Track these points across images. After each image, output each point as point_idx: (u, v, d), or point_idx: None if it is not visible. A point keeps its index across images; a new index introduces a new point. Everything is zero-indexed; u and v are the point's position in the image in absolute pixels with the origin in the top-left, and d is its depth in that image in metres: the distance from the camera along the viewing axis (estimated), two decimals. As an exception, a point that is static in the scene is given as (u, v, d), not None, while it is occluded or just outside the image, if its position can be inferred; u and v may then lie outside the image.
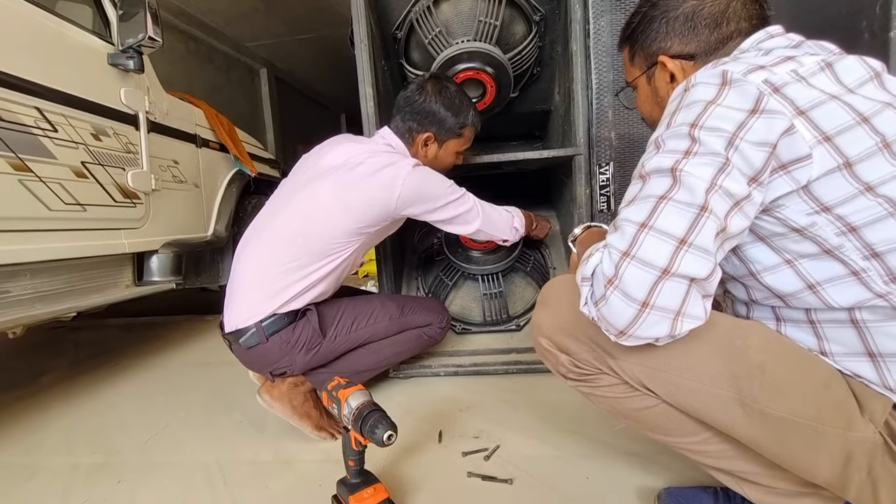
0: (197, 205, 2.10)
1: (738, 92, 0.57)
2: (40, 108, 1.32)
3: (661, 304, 0.53)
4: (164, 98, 1.90)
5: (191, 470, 1.08)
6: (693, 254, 0.53)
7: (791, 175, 0.56)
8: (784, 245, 0.60)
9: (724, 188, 0.54)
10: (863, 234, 0.55)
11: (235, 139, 2.39)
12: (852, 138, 0.55)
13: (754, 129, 0.55)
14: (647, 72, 0.80)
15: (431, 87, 1.25)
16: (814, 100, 0.56)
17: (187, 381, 1.66)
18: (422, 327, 1.33)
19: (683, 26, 0.73)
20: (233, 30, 3.93)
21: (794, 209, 0.57)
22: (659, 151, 0.59)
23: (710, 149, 0.56)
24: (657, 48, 0.77)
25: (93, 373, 1.80)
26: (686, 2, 0.73)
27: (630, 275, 0.53)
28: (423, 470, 1.01)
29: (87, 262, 1.53)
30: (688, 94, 0.61)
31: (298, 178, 1.23)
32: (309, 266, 1.13)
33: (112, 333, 2.42)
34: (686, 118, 0.59)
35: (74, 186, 1.42)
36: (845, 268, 0.56)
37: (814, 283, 0.59)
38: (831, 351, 0.61)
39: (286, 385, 1.17)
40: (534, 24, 1.55)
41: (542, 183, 2.02)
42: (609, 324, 0.57)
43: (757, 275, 0.64)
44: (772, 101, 0.56)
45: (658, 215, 0.54)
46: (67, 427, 1.36)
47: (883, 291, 0.54)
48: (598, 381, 0.72)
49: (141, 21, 1.58)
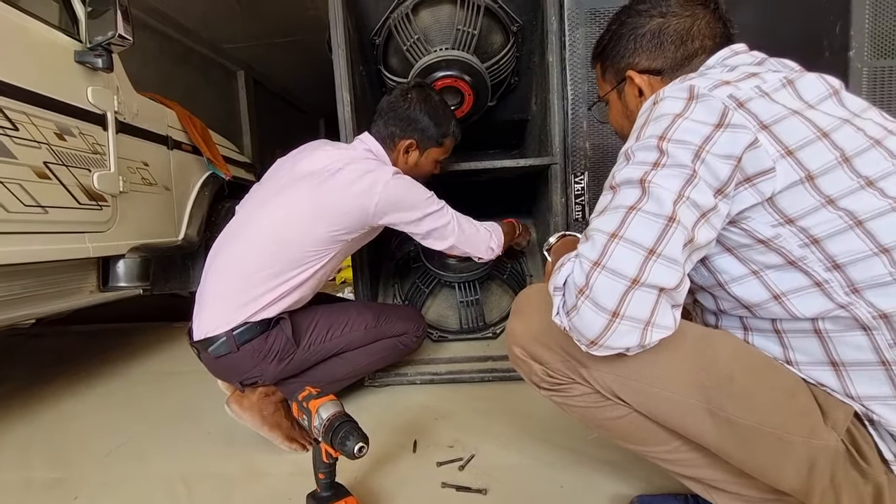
0: (167, 208, 2.04)
1: (704, 106, 0.59)
2: (0, 105, 1.26)
3: (630, 313, 0.54)
4: (134, 98, 1.84)
5: (153, 485, 1.04)
6: (662, 264, 0.54)
7: (756, 188, 0.57)
8: (750, 256, 0.61)
9: (691, 199, 0.56)
10: (825, 246, 0.56)
11: (209, 141, 2.34)
12: (813, 152, 0.57)
13: (720, 143, 0.57)
14: (617, 87, 0.83)
15: (416, 94, 1.25)
16: (776, 115, 0.58)
17: (153, 391, 1.60)
18: (397, 336, 1.32)
19: (650, 43, 0.76)
20: (209, 31, 3.85)
21: (760, 221, 0.58)
22: (629, 163, 0.61)
23: (678, 161, 0.57)
24: (626, 64, 0.79)
25: (52, 382, 1.72)
26: (652, 20, 0.75)
27: (600, 284, 0.54)
28: (397, 481, 0.99)
29: (49, 267, 1.47)
30: (656, 107, 0.63)
31: (274, 183, 1.21)
32: (284, 274, 1.10)
33: (74, 341, 2.32)
34: (654, 131, 0.60)
35: (35, 187, 1.36)
36: (809, 279, 0.57)
37: (779, 293, 0.60)
38: (796, 360, 0.62)
39: (256, 395, 1.13)
40: (511, 34, 1.56)
41: (521, 191, 2.03)
42: (580, 334, 0.57)
43: (725, 285, 0.65)
44: (736, 116, 0.57)
45: (628, 226, 0.56)
46: (23, 440, 1.29)
47: (844, 302, 0.56)
48: (571, 390, 0.73)
49: (111, 18, 1.53)
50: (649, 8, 0.76)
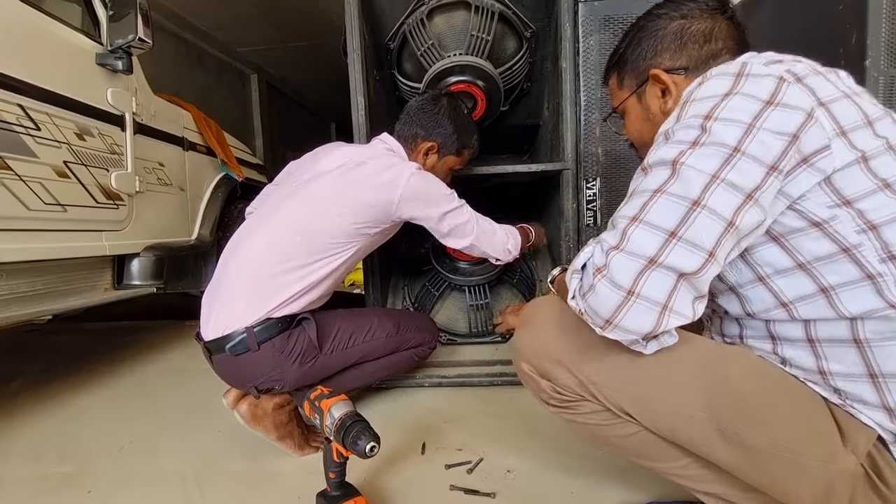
0: (182, 208, 2.07)
1: (755, 82, 0.57)
2: (23, 105, 1.30)
3: (646, 293, 0.53)
4: (151, 100, 1.88)
5: (166, 481, 1.05)
6: (682, 247, 0.53)
7: (814, 166, 0.55)
8: (800, 244, 0.58)
9: (728, 181, 0.54)
10: (882, 233, 0.54)
11: (223, 143, 2.37)
12: (862, 136, 0.56)
13: (772, 118, 0.55)
14: (637, 90, 0.81)
15: (447, 101, 1.29)
16: (832, 94, 0.57)
17: (165, 388, 1.62)
18: (414, 348, 1.31)
19: (673, 43, 0.75)
20: (225, 34, 3.92)
21: (816, 201, 0.56)
22: (667, 142, 0.59)
23: (719, 139, 0.55)
24: (648, 65, 0.77)
25: (66, 378, 1.75)
26: (673, 21, 0.75)
27: (617, 263, 0.54)
28: (406, 482, 0.99)
29: (66, 264, 1.50)
30: (702, 87, 0.61)
31: (293, 182, 1.21)
32: (307, 266, 1.08)
33: (88, 338, 2.36)
34: (699, 110, 0.58)
35: (55, 186, 1.39)
36: (861, 271, 0.55)
37: (827, 286, 0.57)
38: (830, 371, 0.59)
39: (271, 405, 1.09)
40: (525, 40, 1.57)
41: (532, 196, 2.04)
42: (595, 313, 0.56)
43: (766, 279, 0.62)
44: (793, 89, 0.56)
45: (649, 209, 0.55)
46: (37, 435, 1.31)
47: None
48: (580, 407, 0.72)
49: (131, 22, 1.57)
50: (669, 11, 0.76)
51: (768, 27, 1.75)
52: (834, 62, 1.39)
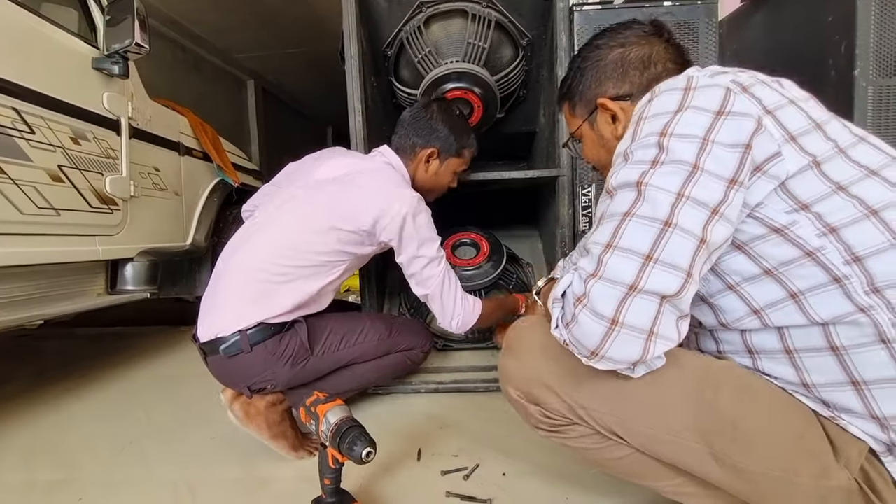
0: (176, 213, 2.06)
1: (703, 94, 0.58)
2: (18, 108, 1.29)
3: (630, 321, 0.52)
4: (148, 104, 1.88)
5: (157, 488, 1.04)
6: (660, 269, 0.52)
7: (767, 174, 0.56)
8: (764, 251, 0.58)
9: (693, 198, 0.54)
10: (843, 236, 0.54)
11: (219, 148, 2.37)
12: (811, 140, 0.56)
13: (724, 130, 0.55)
14: (588, 118, 0.83)
15: (437, 106, 1.30)
16: (777, 101, 0.58)
17: (157, 395, 1.60)
18: (406, 351, 1.31)
19: (615, 72, 0.77)
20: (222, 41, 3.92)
21: (774, 207, 0.56)
22: (627, 163, 0.60)
23: (677, 157, 0.55)
24: (594, 94, 0.80)
25: (57, 384, 1.72)
26: (612, 50, 0.77)
27: (597, 292, 0.54)
28: (401, 489, 0.98)
29: (59, 269, 1.49)
30: (651, 104, 0.62)
31: (290, 188, 1.21)
32: (300, 280, 1.10)
33: (79, 343, 2.33)
34: (653, 128, 0.59)
35: (49, 190, 1.38)
36: (826, 274, 0.55)
37: (796, 291, 0.57)
38: (813, 382, 0.59)
39: (264, 403, 1.11)
40: (521, 48, 1.59)
41: (529, 202, 2.05)
42: (580, 344, 0.56)
43: (735, 287, 0.62)
44: (740, 99, 0.57)
45: (621, 234, 0.55)
46: (27, 441, 1.29)
47: (865, 304, 0.53)
48: (570, 431, 0.71)
49: (128, 27, 1.57)
50: (608, 41, 0.78)
51: (757, 39, 1.78)
52: (823, 73, 1.42)
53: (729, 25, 1.91)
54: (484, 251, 1.68)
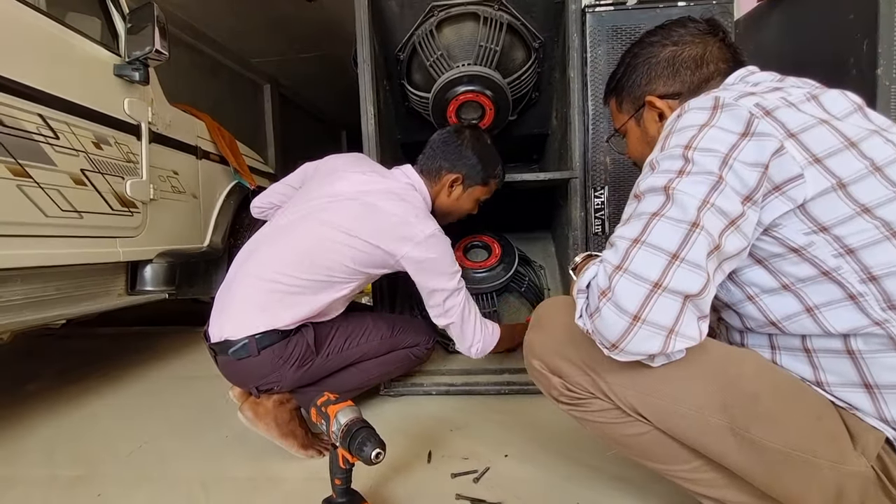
0: (194, 216, 2.10)
1: (730, 115, 0.59)
2: (43, 114, 1.34)
3: (652, 319, 0.53)
4: (167, 110, 1.92)
5: (173, 486, 1.06)
6: (685, 268, 0.54)
7: (786, 195, 0.57)
8: (781, 267, 0.60)
9: (716, 206, 0.56)
10: (860, 257, 0.55)
11: (236, 152, 2.42)
12: (842, 161, 0.56)
13: (746, 150, 0.57)
14: (635, 115, 0.84)
15: (470, 133, 1.30)
16: (804, 123, 0.58)
17: (174, 394, 1.64)
18: (410, 347, 1.33)
19: (666, 70, 0.78)
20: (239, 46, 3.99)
21: (793, 228, 0.58)
22: (654, 172, 0.61)
23: (704, 168, 0.57)
24: (643, 91, 0.81)
25: (79, 382, 1.77)
26: (665, 48, 0.78)
27: (622, 287, 0.54)
28: (411, 491, 0.99)
29: (81, 270, 1.53)
30: (680, 119, 0.64)
31: (309, 199, 1.19)
32: (309, 295, 1.11)
33: (101, 342, 2.39)
34: (679, 141, 0.61)
35: (72, 193, 1.43)
36: (842, 291, 0.56)
37: (812, 305, 0.59)
38: (827, 381, 0.61)
39: (272, 402, 1.13)
40: (533, 50, 1.58)
41: (540, 204, 2.04)
42: (602, 336, 0.58)
43: (755, 298, 0.64)
44: (763, 124, 0.58)
45: (650, 231, 0.56)
46: (49, 437, 1.33)
47: (880, 318, 0.54)
48: (590, 405, 0.72)
49: (149, 34, 1.62)
50: (661, 38, 0.79)
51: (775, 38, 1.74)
52: (844, 72, 1.39)
53: (746, 25, 1.88)
54: (496, 254, 1.68)
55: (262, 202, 1.41)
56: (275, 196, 1.39)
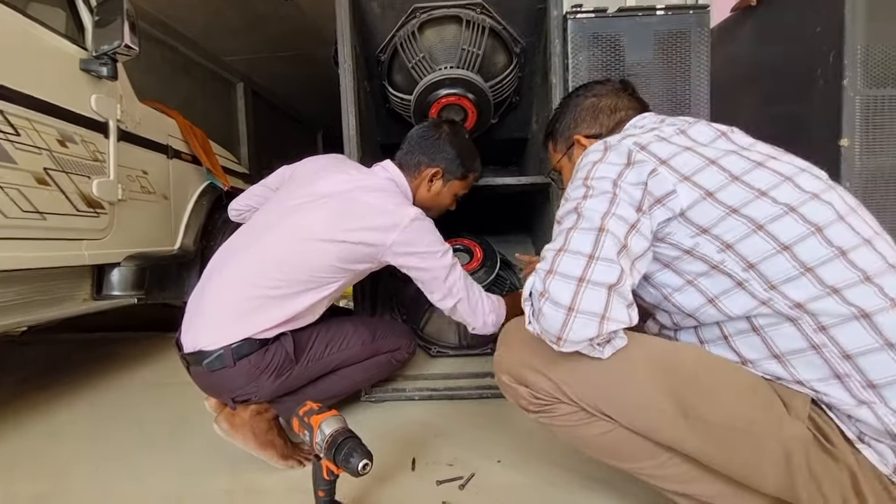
0: (165, 217, 2.03)
1: (615, 152, 0.75)
2: (3, 110, 1.26)
3: (585, 308, 0.63)
4: (136, 107, 1.85)
5: (145, 500, 1.02)
6: (602, 264, 0.65)
7: (666, 206, 0.70)
8: (682, 267, 0.73)
9: (617, 214, 0.69)
10: (738, 249, 0.67)
11: (209, 151, 2.34)
12: (705, 175, 0.70)
13: (630, 175, 0.72)
14: (567, 153, 1.02)
15: (448, 128, 1.30)
16: (672, 152, 0.73)
17: (146, 402, 1.57)
18: (391, 352, 1.31)
19: (589, 115, 0.98)
20: (211, 43, 3.88)
21: (682, 234, 0.71)
22: (567, 202, 0.75)
23: (601, 189, 0.71)
24: (571, 132, 1.00)
25: (42, 391, 1.68)
26: (587, 99, 0.98)
27: (555, 287, 0.65)
28: (396, 500, 0.97)
29: (43, 274, 1.45)
30: (582, 160, 0.79)
31: (288, 200, 1.17)
32: (288, 298, 1.07)
33: (65, 349, 2.28)
34: (581, 175, 0.76)
35: (34, 193, 1.35)
36: (731, 280, 0.68)
37: (712, 296, 0.71)
38: (749, 359, 0.71)
39: (248, 413, 1.09)
40: (515, 55, 1.59)
41: (521, 207, 2.05)
42: (548, 332, 0.66)
43: (670, 297, 0.76)
44: (640, 155, 0.73)
45: (569, 241, 0.69)
46: (10, 451, 1.26)
47: (765, 298, 0.66)
48: (556, 409, 0.78)
49: (118, 28, 1.55)
50: (585, 92, 1.00)
51: (747, 48, 1.80)
52: (812, 82, 1.45)
53: (720, 34, 1.94)
54: (477, 257, 1.68)
55: (239, 205, 1.37)
56: (252, 198, 1.35)
